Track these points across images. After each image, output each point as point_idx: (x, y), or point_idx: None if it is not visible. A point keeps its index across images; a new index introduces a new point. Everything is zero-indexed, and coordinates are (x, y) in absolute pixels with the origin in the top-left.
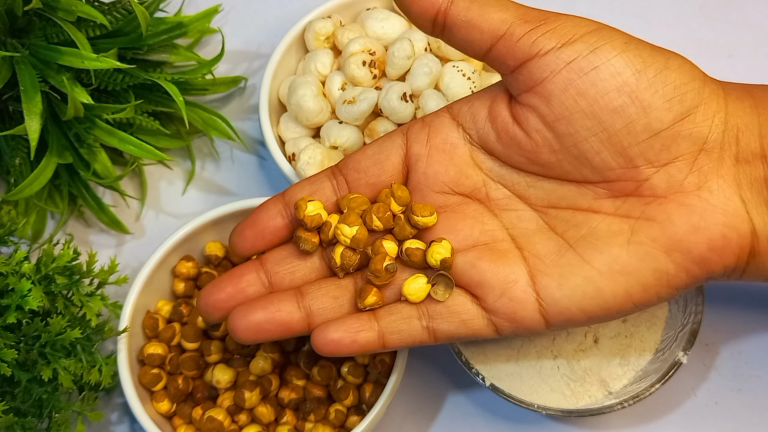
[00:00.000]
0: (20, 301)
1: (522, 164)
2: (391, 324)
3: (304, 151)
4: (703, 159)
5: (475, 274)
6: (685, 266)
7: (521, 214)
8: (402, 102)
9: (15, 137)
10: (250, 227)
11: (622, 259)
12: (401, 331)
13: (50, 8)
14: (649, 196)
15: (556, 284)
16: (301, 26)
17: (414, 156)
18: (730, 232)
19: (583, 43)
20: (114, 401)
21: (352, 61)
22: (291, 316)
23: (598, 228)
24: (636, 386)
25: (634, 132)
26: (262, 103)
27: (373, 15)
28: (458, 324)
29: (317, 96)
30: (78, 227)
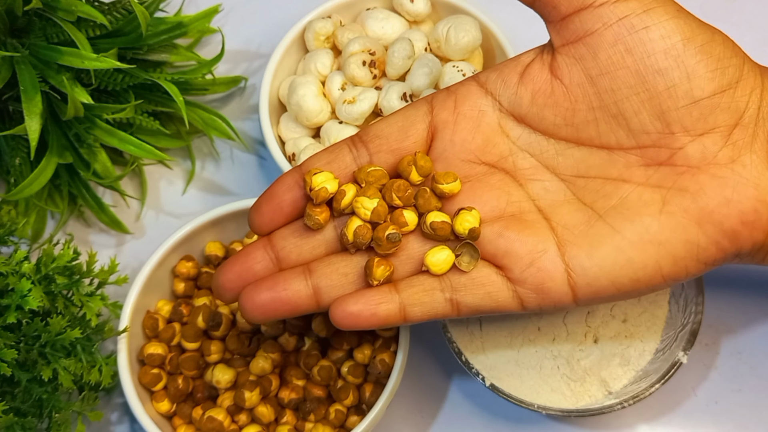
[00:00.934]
0: (20, 301)
1: (555, 127)
2: (412, 296)
3: (304, 151)
4: (738, 133)
5: (502, 243)
6: (716, 239)
7: (548, 185)
8: (402, 102)
9: (15, 137)
10: (267, 202)
11: (654, 229)
12: (423, 304)
13: (50, 8)
14: (682, 165)
15: (586, 254)
16: (301, 26)
17: (440, 123)
18: (762, 206)
19: (638, 1)
20: (114, 401)
21: (352, 61)
22: (298, 294)
23: (628, 198)
24: (636, 386)
25: (675, 96)
26: (262, 103)
27: (373, 15)
28: (483, 296)
29: (317, 96)
30: (78, 227)
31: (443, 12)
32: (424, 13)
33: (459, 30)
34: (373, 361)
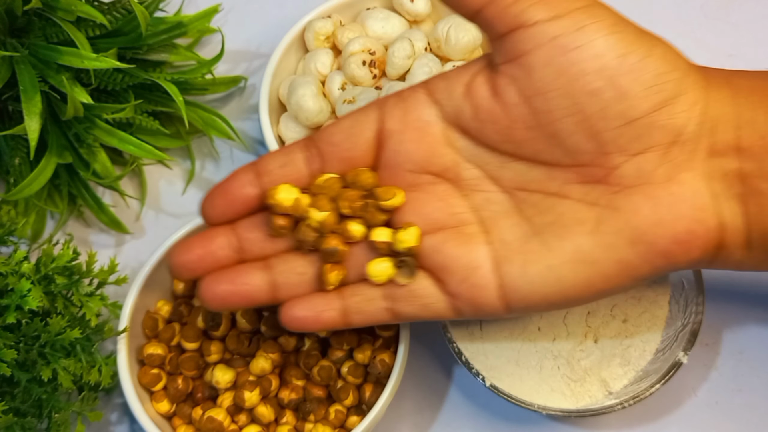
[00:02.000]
0: (20, 301)
1: (496, 142)
2: (354, 304)
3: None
4: (675, 151)
5: (440, 258)
6: (649, 258)
7: (491, 196)
8: None
9: (14, 137)
10: (221, 196)
11: (586, 249)
12: (364, 312)
13: (50, 8)
14: (617, 185)
15: (519, 272)
16: (301, 26)
17: (388, 132)
18: (697, 226)
19: (570, 19)
20: (114, 401)
21: (352, 60)
22: (257, 289)
23: (564, 214)
24: (636, 386)
25: (608, 117)
26: (262, 103)
27: (373, 15)
28: (420, 307)
29: (317, 96)
30: (77, 227)
31: (443, 11)
32: (424, 13)
33: (459, 30)
34: (373, 361)
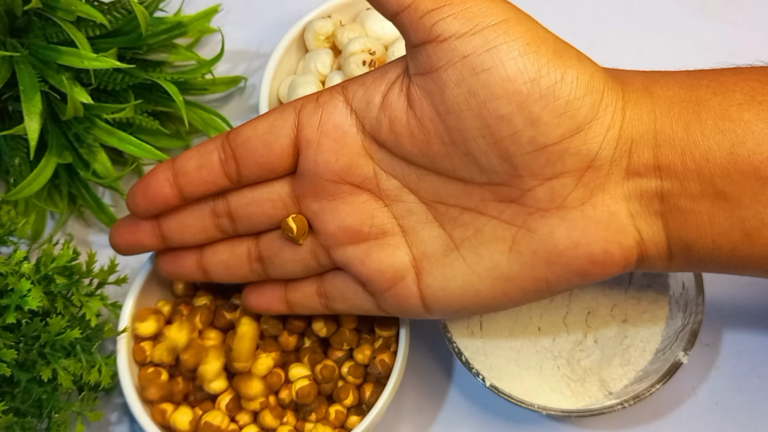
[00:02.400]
0: (20, 301)
1: (413, 156)
2: (296, 299)
3: None
4: (590, 175)
5: (365, 270)
6: (566, 277)
7: (411, 207)
8: None
9: (14, 137)
10: (141, 193)
11: (502, 266)
12: (305, 306)
13: (50, 8)
14: (531, 206)
15: (439, 285)
16: (301, 26)
17: (305, 141)
18: (613, 247)
19: (482, 37)
20: (113, 401)
21: (352, 60)
22: (191, 270)
23: (483, 230)
24: (636, 386)
25: (519, 142)
26: (262, 103)
27: (373, 15)
28: (351, 306)
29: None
30: (78, 227)
31: None
32: None
33: None
34: (373, 361)
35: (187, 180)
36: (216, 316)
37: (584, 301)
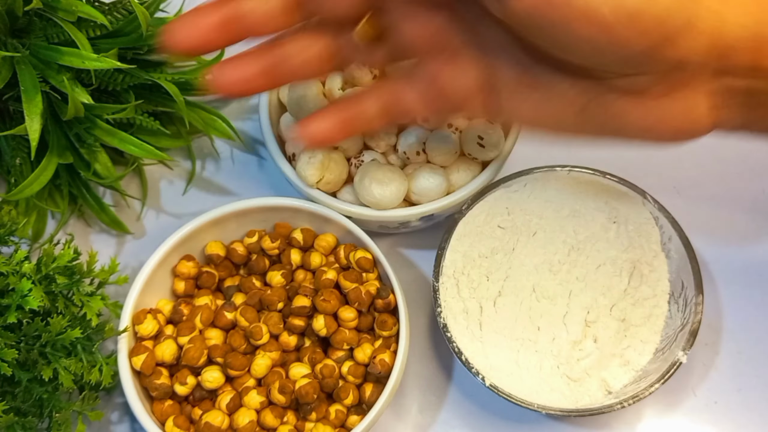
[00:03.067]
0: (21, 301)
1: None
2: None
3: (304, 151)
4: (676, 75)
5: (434, 88)
6: (628, 142)
7: (490, 42)
8: None
9: (15, 137)
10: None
11: (567, 123)
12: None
13: (51, 8)
14: (611, 87)
15: (507, 108)
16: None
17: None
18: (684, 135)
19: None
20: (114, 401)
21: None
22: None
23: (555, 89)
24: (636, 386)
25: (604, 53)
26: (262, 104)
27: None
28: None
29: (317, 97)
30: (78, 227)
31: None
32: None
33: None
34: (373, 360)
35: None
36: (216, 315)
37: (584, 301)
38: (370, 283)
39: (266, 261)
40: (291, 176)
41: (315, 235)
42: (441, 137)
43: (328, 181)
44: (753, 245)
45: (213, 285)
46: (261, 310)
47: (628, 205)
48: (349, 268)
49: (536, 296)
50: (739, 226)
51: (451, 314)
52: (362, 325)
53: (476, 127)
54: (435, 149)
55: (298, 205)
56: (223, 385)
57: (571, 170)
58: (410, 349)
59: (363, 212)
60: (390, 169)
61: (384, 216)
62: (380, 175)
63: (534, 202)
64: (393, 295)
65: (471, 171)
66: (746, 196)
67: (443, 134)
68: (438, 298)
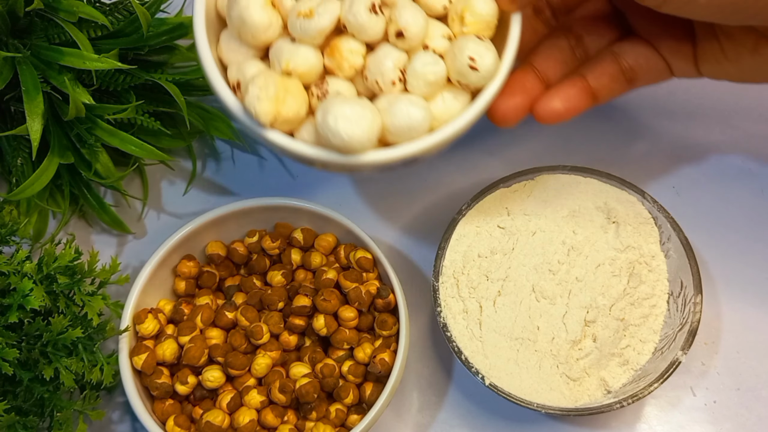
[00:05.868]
0: (22, 301)
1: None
2: (604, 84)
3: (253, 81)
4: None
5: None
6: None
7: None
8: (371, 15)
9: (17, 137)
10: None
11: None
12: (612, 89)
13: (52, 9)
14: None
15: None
16: None
17: None
18: None
19: None
20: (115, 400)
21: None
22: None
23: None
24: (635, 385)
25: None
26: (197, 18)
27: None
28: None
29: (265, 6)
30: (79, 227)
31: None
32: None
33: None
34: (373, 360)
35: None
36: (217, 315)
37: (583, 300)
38: (370, 283)
39: (267, 261)
40: (239, 114)
41: (315, 234)
42: (426, 61)
43: (285, 119)
44: (752, 245)
45: (214, 285)
46: (261, 310)
47: (627, 205)
48: (349, 268)
49: (535, 296)
50: (738, 226)
51: (451, 314)
52: (362, 324)
53: (466, 45)
54: (418, 77)
55: (298, 205)
56: (224, 385)
57: (571, 170)
58: (410, 349)
59: (330, 158)
60: (360, 102)
61: (355, 162)
62: (348, 110)
63: (533, 203)
64: (393, 295)
65: (458, 101)
66: (745, 196)
67: (428, 57)
68: (438, 297)
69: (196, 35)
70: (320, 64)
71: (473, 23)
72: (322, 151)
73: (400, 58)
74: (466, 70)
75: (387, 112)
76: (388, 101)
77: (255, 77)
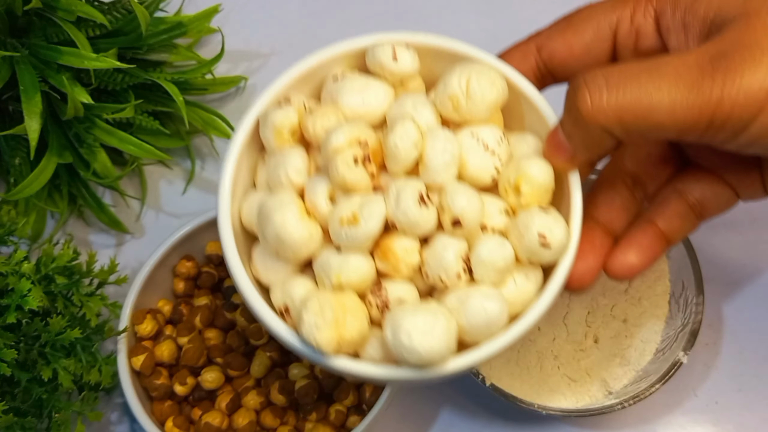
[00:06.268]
0: (20, 301)
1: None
2: (675, 226)
3: (306, 308)
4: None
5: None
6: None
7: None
8: (422, 208)
9: (15, 137)
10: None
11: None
12: (684, 230)
13: (50, 8)
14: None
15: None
16: (252, 120)
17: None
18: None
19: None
20: (114, 401)
21: (340, 161)
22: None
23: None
24: (636, 386)
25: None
26: (226, 239)
27: (346, 87)
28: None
29: (301, 219)
30: (78, 227)
31: (432, 62)
32: (412, 71)
33: (483, 80)
34: None
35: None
36: (216, 315)
37: (584, 301)
38: None
39: None
40: (295, 345)
41: None
42: (491, 248)
43: (350, 342)
44: (754, 245)
45: (213, 285)
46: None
47: None
48: None
49: None
50: (739, 226)
51: None
52: None
53: (532, 222)
54: (486, 265)
55: None
56: (223, 386)
57: None
58: None
59: (408, 376)
60: (429, 309)
61: (437, 374)
62: (420, 322)
63: None
64: None
65: (531, 281)
66: None
67: (493, 243)
68: None
69: (228, 261)
70: (374, 271)
71: (531, 193)
72: (398, 370)
73: (461, 247)
74: (537, 248)
75: (459, 311)
76: (458, 298)
77: (307, 302)
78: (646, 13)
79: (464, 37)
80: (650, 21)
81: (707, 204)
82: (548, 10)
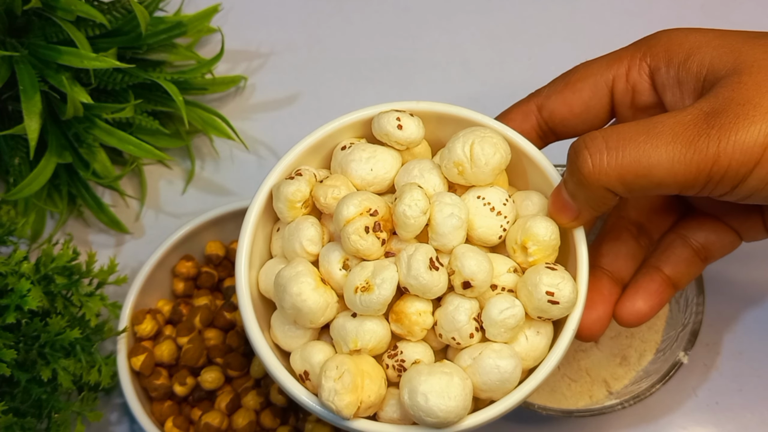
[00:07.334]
0: (19, 301)
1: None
2: (681, 272)
3: (324, 374)
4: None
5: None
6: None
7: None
8: (432, 272)
9: (14, 137)
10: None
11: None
12: (690, 275)
13: (49, 8)
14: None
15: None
16: (265, 193)
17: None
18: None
19: None
20: (113, 401)
21: (352, 231)
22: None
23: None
24: (637, 386)
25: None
26: (245, 308)
27: (354, 156)
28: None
29: (317, 289)
30: (77, 227)
31: (437, 128)
32: (418, 138)
33: (486, 145)
34: None
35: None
36: (216, 315)
37: None
38: None
39: None
40: (316, 409)
41: None
42: (502, 307)
43: (368, 405)
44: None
45: (212, 285)
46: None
47: None
48: None
49: None
50: None
51: None
52: None
53: (540, 280)
54: (497, 325)
55: None
56: (223, 386)
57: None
58: None
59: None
60: (444, 369)
61: (454, 431)
62: (436, 383)
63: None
64: None
65: (542, 335)
66: None
67: (504, 302)
68: None
69: (248, 330)
70: (389, 334)
71: (537, 251)
72: (415, 431)
73: (473, 307)
74: (546, 305)
75: (473, 369)
76: (471, 357)
77: (325, 368)
78: (641, 70)
79: (465, 38)
80: (645, 78)
81: (711, 248)
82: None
